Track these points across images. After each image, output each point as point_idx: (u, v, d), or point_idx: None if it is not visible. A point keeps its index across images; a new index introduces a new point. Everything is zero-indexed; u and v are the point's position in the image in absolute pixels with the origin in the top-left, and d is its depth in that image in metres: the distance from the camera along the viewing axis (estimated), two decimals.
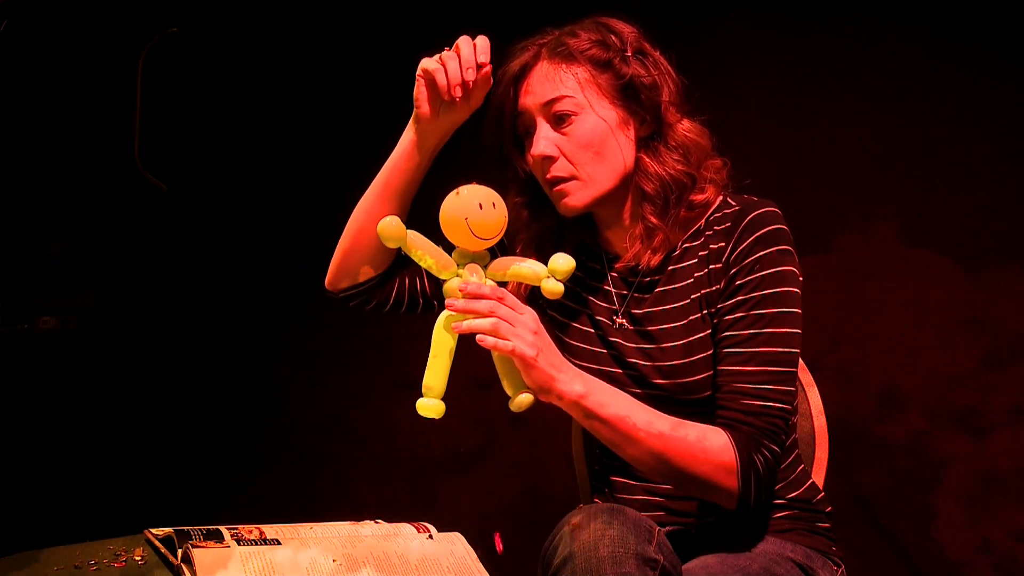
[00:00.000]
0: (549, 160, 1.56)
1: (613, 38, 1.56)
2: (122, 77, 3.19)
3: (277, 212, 3.47)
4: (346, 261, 1.73)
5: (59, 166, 3.44)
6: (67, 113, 3.43)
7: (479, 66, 1.54)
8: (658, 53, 1.59)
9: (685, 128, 1.58)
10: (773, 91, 2.93)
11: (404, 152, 1.66)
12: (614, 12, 1.60)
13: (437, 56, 1.57)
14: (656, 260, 1.58)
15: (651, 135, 1.58)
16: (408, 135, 1.65)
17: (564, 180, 1.56)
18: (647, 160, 1.57)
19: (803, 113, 2.90)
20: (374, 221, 1.45)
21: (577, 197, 1.57)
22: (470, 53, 1.55)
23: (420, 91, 1.60)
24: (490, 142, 1.64)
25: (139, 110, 2.50)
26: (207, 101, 3.46)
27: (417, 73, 1.60)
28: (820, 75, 2.87)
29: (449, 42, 1.59)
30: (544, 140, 1.56)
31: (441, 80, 1.55)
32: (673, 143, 1.57)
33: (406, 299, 1.75)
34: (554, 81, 1.55)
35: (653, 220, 1.56)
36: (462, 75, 1.54)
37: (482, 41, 1.56)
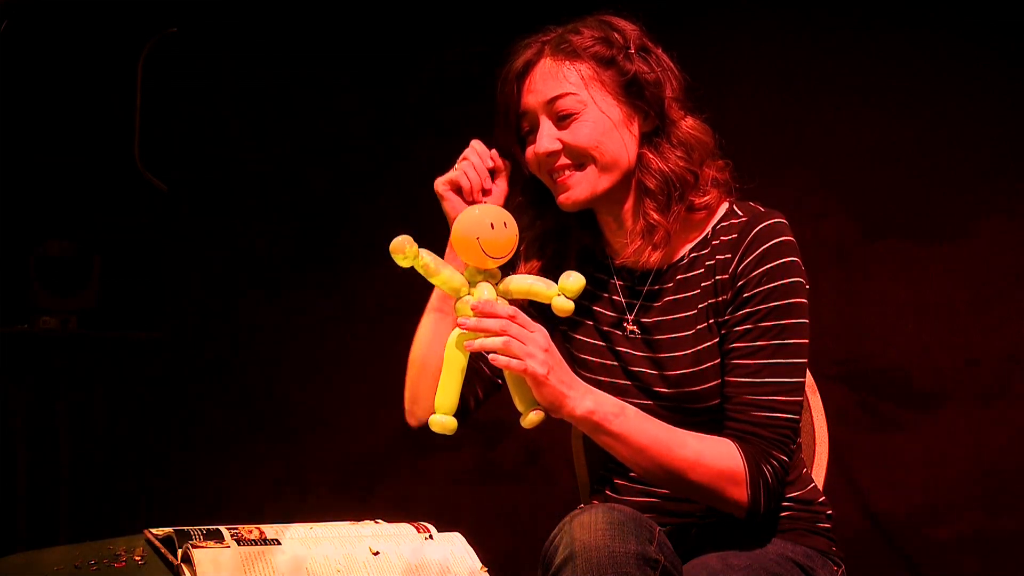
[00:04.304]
0: (553, 156, 1.56)
1: (616, 35, 1.57)
2: (122, 77, 3.18)
3: (277, 212, 3.47)
4: (421, 396, 1.70)
5: (59, 166, 3.44)
6: (67, 113, 3.43)
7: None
8: (660, 50, 1.60)
9: (689, 125, 1.59)
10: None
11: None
12: (617, 10, 1.61)
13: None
14: (656, 257, 1.57)
15: (654, 131, 1.58)
16: (449, 252, 1.61)
17: (566, 175, 1.57)
18: (650, 156, 1.57)
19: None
20: (435, 352, 1.52)
21: (578, 192, 1.57)
22: (481, 149, 1.62)
23: (448, 205, 1.63)
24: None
25: (139, 110, 2.49)
26: (207, 101, 3.46)
27: (438, 191, 1.63)
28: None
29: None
30: (547, 137, 1.56)
31: (465, 183, 1.60)
32: (676, 140, 1.57)
33: (472, 406, 1.73)
34: (557, 78, 1.55)
35: (654, 216, 1.56)
36: (484, 164, 1.61)
37: (479, 144, 1.63)
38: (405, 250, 1.39)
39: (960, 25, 2.76)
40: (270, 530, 1.42)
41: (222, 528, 1.40)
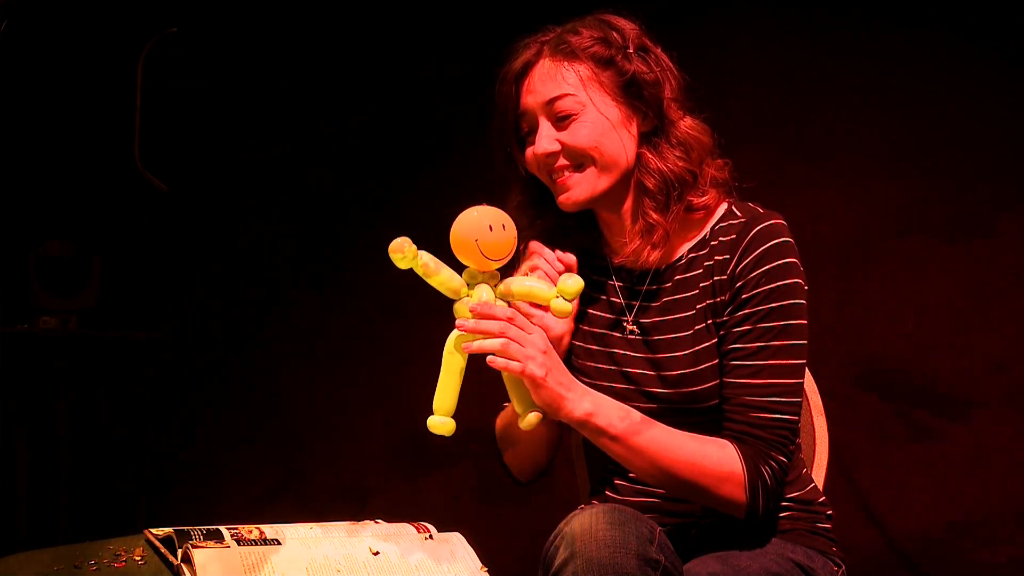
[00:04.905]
0: (552, 157, 1.57)
1: (615, 35, 1.57)
2: (122, 77, 3.18)
3: (277, 212, 3.47)
4: (526, 465, 1.76)
5: (59, 166, 3.43)
6: (67, 113, 3.43)
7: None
8: (659, 50, 1.60)
9: (687, 125, 1.59)
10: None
11: None
12: (616, 9, 1.61)
13: None
14: (655, 257, 1.58)
15: (653, 131, 1.58)
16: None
17: (566, 176, 1.57)
18: (648, 156, 1.57)
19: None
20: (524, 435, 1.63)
21: (578, 192, 1.57)
22: (550, 255, 1.58)
23: None
24: (495, 142, 1.64)
25: (139, 110, 2.50)
26: (207, 101, 3.46)
27: None
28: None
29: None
30: (546, 138, 1.56)
31: (549, 271, 1.57)
32: (675, 140, 1.58)
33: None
34: (556, 79, 1.55)
35: (653, 215, 1.56)
36: (556, 269, 1.56)
37: (540, 246, 1.59)
38: (404, 251, 1.39)
39: (960, 25, 2.76)
40: (270, 530, 1.42)
41: (222, 528, 1.40)
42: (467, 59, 2.68)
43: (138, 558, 1.41)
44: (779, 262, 1.53)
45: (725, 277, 1.55)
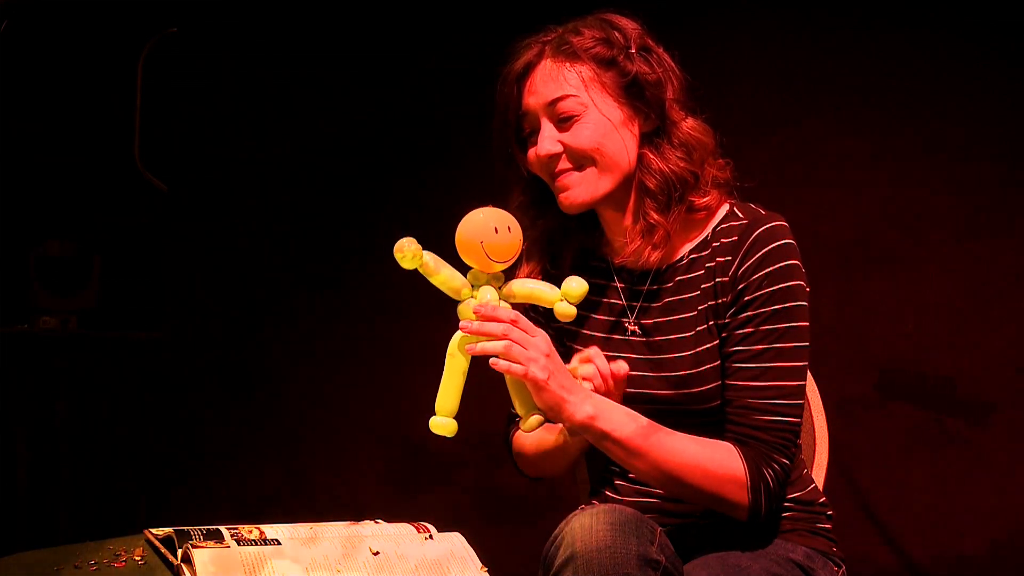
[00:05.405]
0: (554, 158, 1.56)
1: (617, 35, 1.56)
2: (122, 77, 3.18)
3: (277, 212, 3.47)
4: (544, 470, 1.77)
5: (59, 166, 3.43)
6: (67, 113, 3.43)
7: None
8: (661, 50, 1.60)
9: (689, 126, 1.59)
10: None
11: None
12: (618, 8, 1.60)
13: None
14: (656, 257, 1.57)
15: (655, 132, 1.58)
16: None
17: (567, 177, 1.57)
18: (650, 156, 1.57)
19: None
20: (548, 452, 1.67)
21: (579, 193, 1.57)
22: (603, 367, 1.54)
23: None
24: (496, 142, 1.64)
25: (139, 110, 2.50)
26: (207, 101, 3.46)
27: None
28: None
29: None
30: (548, 139, 1.56)
31: (599, 384, 1.54)
32: (677, 140, 1.57)
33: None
34: (558, 80, 1.55)
35: (654, 216, 1.56)
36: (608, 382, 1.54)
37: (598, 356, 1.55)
38: (405, 250, 1.39)
39: (960, 25, 2.76)
40: (270, 530, 1.42)
41: (222, 528, 1.40)
42: (467, 59, 2.69)
43: (138, 558, 1.41)
44: (781, 264, 1.52)
45: (727, 279, 1.55)
